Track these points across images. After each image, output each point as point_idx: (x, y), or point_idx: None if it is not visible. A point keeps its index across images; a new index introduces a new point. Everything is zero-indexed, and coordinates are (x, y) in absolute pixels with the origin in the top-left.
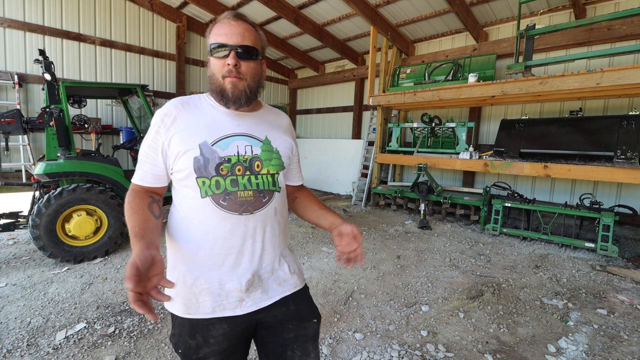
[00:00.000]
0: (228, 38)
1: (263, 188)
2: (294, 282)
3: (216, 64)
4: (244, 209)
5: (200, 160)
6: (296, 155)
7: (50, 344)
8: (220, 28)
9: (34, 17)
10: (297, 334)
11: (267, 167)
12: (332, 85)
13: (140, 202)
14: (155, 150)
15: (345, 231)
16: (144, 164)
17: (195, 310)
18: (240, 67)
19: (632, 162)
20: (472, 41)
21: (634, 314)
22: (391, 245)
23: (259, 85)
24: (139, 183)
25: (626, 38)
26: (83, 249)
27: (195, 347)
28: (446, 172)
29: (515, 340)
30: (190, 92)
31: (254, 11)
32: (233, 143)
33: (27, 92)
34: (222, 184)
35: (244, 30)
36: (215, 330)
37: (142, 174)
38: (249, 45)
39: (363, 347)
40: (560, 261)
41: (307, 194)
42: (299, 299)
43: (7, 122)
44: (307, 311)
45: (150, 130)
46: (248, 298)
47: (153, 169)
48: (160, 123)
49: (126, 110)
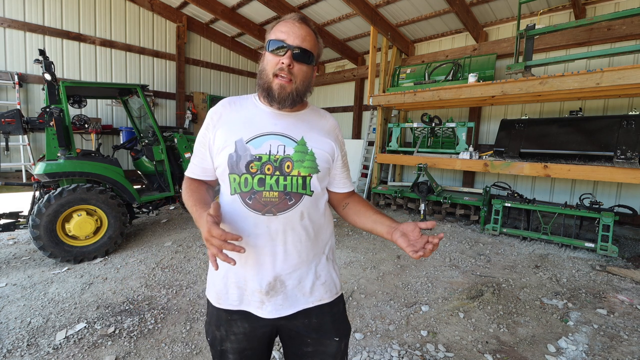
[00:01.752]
0: (288, 37)
1: (290, 190)
2: (320, 295)
3: (270, 59)
4: (267, 210)
5: (234, 157)
6: (340, 159)
7: (51, 344)
8: (283, 26)
9: (34, 17)
10: (315, 349)
11: (298, 168)
12: (332, 85)
13: (198, 186)
14: (204, 146)
15: (407, 230)
16: (195, 157)
17: (225, 301)
18: (293, 67)
19: (632, 162)
20: (472, 41)
21: (634, 314)
22: (391, 245)
23: (307, 89)
24: (190, 175)
25: (626, 38)
26: (83, 249)
27: (219, 339)
28: (446, 172)
29: (515, 340)
30: (191, 92)
31: (253, 11)
32: (267, 142)
33: (27, 92)
34: (250, 182)
35: (306, 33)
36: (237, 327)
37: (192, 167)
38: (307, 48)
39: (363, 347)
40: (560, 261)
41: (359, 199)
42: (323, 312)
43: (7, 122)
44: (330, 327)
45: (201, 129)
46: (268, 302)
47: (201, 162)
48: (209, 120)
49: (126, 110)
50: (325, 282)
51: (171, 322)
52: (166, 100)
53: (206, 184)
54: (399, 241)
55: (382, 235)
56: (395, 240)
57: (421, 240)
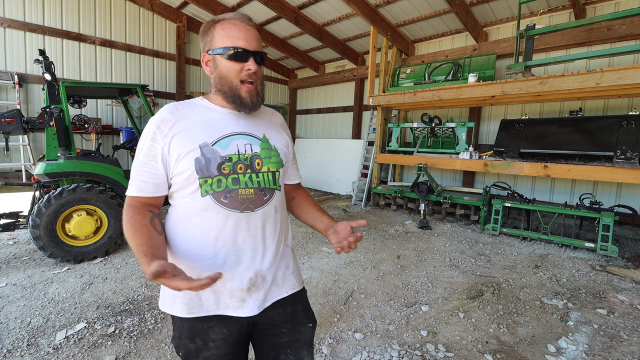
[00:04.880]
0: (248, 43)
1: (264, 186)
2: (292, 284)
3: (232, 66)
4: (245, 207)
5: (202, 161)
6: (292, 152)
7: (51, 343)
8: (236, 31)
9: (34, 17)
10: (291, 339)
11: (267, 164)
12: (332, 85)
13: (142, 218)
14: (154, 158)
15: (339, 228)
16: (142, 174)
17: (199, 309)
18: (256, 72)
19: (632, 162)
20: (472, 41)
21: (634, 314)
22: (391, 245)
23: (264, 87)
24: (136, 194)
25: (626, 38)
26: (83, 249)
27: (195, 351)
28: (446, 172)
29: (515, 340)
30: (191, 92)
31: (254, 11)
32: (233, 142)
33: (27, 92)
34: (224, 182)
35: (257, 35)
36: (214, 333)
37: (140, 185)
38: (262, 50)
39: (363, 347)
40: (560, 261)
41: (305, 194)
42: (295, 301)
43: (7, 122)
44: (302, 315)
45: (144, 141)
46: (250, 298)
47: (153, 178)
48: (156, 130)
49: (126, 111)
50: (294, 272)
51: (170, 320)
52: (166, 100)
53: (150, 213)
54: (331, 237)
55: (320, 231)
56: (328, 237)
57: (347, 238)
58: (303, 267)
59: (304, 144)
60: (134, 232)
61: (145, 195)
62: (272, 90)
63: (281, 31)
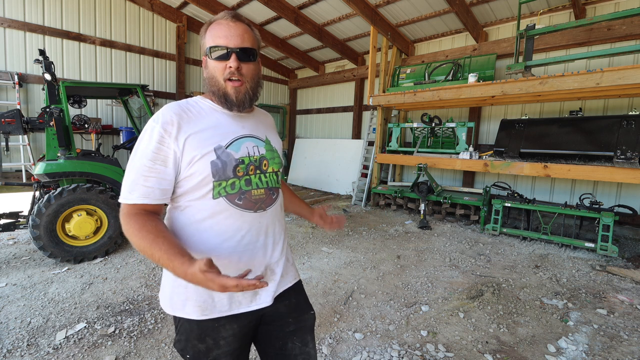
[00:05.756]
0: (228, 40)
1: (272, 185)
2: (293, 274)
3: (216, 66)
4: (258, 207)
5: (218, 164)
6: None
7: (51, 343)
8: (219, 29)
9: (34, 17)
10: (297, 327)
11: (272, 165)
12: (332, 85)
13: (156, 224)
14: (163, 162)
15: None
16: (147, 179)
17: (212, 310)
18: (241, 69)
19: (632, 162)
20: (472, 41)
21: (634, 314)
22: (391, 245)
23: (258, 85)
24: (141, 202)
25: (626, 38)
26: (83, 249)
27: (205, 351)
28: (446, 172)
29: (515, 340)
30: (191, 92)
31: (254, 11)
32: (243, 144)
33: (27, 92)
34: (237, 184)
35: (243, 31)
36: (225, 331)
37: (145, 191)
38: (248, 47)
39: (363, 347)
40: (560, 261)
41: (285, 187)
42: (297, 291)
43: (7, 122)
44: (305, 303)
45: (148, 143)
46: (262, 291)
47: (160, 183)
48: (163, 133)
49: (126, 111)
50: (293, 263)
51: (171, 322)
52: (166, 100)
53: (157, 218)
54: (318, 221)
55: (305, 217)
56: (315, 221)
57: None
58: (303, 267)
59: (304, 144)
60: (154, 239)
61: (152, 202)
62: (272, 90)
63: (281, 31)
